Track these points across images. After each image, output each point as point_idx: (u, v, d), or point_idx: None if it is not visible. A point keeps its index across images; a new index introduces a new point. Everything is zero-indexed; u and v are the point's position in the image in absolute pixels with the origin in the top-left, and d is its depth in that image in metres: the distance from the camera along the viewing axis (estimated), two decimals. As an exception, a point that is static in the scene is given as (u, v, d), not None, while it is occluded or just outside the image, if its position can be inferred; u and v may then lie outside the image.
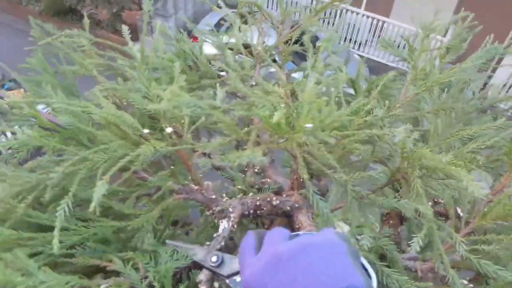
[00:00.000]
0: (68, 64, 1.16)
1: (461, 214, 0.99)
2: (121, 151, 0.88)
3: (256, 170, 1.22)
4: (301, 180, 1.07)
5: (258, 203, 1.02)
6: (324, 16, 1.38)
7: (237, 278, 0.81)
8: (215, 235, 0.94)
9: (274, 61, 1.38)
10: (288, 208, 1.03)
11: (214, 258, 0.82)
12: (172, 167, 1.09)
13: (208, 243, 0.92)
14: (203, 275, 0.85)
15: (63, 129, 0.93)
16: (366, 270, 0.71)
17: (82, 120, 0.92)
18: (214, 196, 0.99)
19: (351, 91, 1.36)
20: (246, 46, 1.33)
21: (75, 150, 0.93)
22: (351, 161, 1.13)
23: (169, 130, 0.95)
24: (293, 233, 0.77)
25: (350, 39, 8.48)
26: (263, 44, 1.29)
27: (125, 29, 1.09)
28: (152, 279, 0.81)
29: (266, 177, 1.18)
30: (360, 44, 8.62)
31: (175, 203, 1.29)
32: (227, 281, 0.81)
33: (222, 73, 1.27)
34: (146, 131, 0.98)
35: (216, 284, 0.85)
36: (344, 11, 7.84)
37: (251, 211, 1.01)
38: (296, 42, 1.38)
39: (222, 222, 0.97)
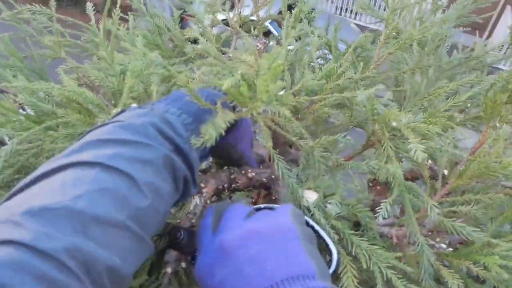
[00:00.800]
0: (40, 49, 1.14)
1: (445, 173, 0.95)
2: (82, 127, 0.86)
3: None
4: (278, 150, 1.04)
5: (232, 177, 0.99)
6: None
7: None
8: (186, 212, 0.92)
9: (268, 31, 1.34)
10: (265, 180, 1.00)
11: (177, 234, 0.80)
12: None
13: (178, 220, 0.89)
14: (168, 256, 0.83)
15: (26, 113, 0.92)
16: (327, 245, 0.68)
17: (45, 102, 0.91)
18: (185, 172, 0.96)
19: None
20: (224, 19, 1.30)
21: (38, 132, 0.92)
22: (329, 126, 1.09)
23: (134, 106, 0.92)
24: (256, 206, 0.74)
25: (346, 9, 8.35)
26: (238, 14, 1.25)
27: (89, 5, 1.06)
28: None
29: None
30: (356, 13, 8.46)
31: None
32: (189, 257, 0.79)
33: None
34: (115, 110, 0.96)
35: (183, 264, 0.84)
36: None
37: (226, 185, 0.99)
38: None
39: (194, 198, 0.95)
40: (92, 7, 0.99)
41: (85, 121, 0.83)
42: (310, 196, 0.82)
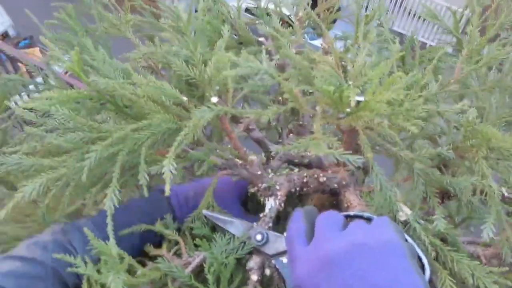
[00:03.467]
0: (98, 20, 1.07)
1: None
2: (165, 125, 0.81)
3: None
4: (348, 155, 1.02)
5: (305, 180, 0.96)
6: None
7: (283, 259, 0.78)
8: (261, 215, 0.89)
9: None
10: (335, 185, 0.97)
11: (258, 237, 0.79)
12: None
13: (254, 223, 0.86)
14: (253, 262, 0.80)
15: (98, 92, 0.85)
16: (420, 258, 0.68)
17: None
18: (259, 172, 0.93)
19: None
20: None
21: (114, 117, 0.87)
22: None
23: (214, 99, 0.87)
24: (345, 214, 0.73)
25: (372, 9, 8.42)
26: (304, 10, 1.21)
27: (162, -13, 1.01)
28: (207, 270, 0.76)
29: (306, 150, 1.12)
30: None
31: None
32: (272, 261, 0.77)
33: (261, 39, 1.19)
34: (184, 98, 0.91)
35: (267, 271, 0.81)
36: (365, -19, 7.75)
37: (298, 188, 0.96)
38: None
39: (268, 200, 0.92)
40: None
41: (169, 120, 0.79)
42: (406, 211, 0.80)
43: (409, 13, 8.09)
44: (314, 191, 0.98)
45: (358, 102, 0.76)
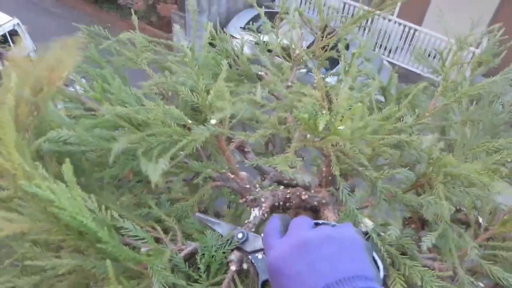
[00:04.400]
0: (116, 55, 1.24)
1: (481, 221, 1.05)
2: (173, 137, 0.96)
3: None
4: (329, 178, 1.14)
5: (288, 196, 1.09)
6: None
7: (259, 255, 0.90)
8: (246, 221, 1.02)
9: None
10: (316, 203, 1.10)
11: (240, 235, 0.91)
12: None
13: (239, 227, 0.99)
14: (233, 255, 0.93)
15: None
16: (376, 262, 0.80)
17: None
18: (248, 186, 1.06)
19: (379, 97, 1.42)
20: (284, 48, 1.40)
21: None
22: (378, 163, 1.19)
23: (213, 121, 1.02)
24: (315, 221, 0.85)
25: (381, 45, 8.47)
26: (301, 48, 1.36)
27: (177, 27, 1.17)
28: (199, 260, 0.89)
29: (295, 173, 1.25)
30: (390, 50, 8.57)
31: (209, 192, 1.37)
32: (249, 256, 0.89)
33: (261, 73, 1.34)
34: (189, 121, 1.05)
35: (245, 266, 0.93)
36: (376, 17, 7.81)
37: (281, 203, 1.09)
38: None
39: (253, 210, 1.05)
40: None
41: (176, 134, 0.93)
42: (366, 223, 0.91)
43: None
44: (296, 207, 1.11)
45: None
